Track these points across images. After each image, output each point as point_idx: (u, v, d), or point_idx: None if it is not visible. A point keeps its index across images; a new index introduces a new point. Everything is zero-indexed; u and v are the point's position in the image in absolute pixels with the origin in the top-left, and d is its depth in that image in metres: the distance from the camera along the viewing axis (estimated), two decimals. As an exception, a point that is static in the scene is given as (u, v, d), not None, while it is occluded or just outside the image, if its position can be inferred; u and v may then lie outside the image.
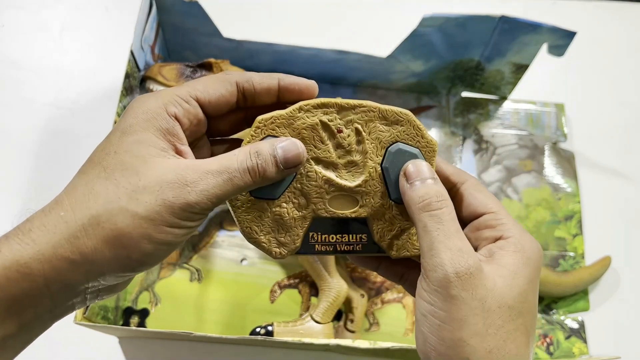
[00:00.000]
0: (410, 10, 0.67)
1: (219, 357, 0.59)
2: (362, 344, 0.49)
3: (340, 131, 0.35)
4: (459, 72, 0.69)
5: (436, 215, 0.29)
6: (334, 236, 0.35)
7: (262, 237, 0.35)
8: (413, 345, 0.50)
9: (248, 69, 0.70)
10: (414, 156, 0.34)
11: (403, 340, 0.60)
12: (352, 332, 0.58)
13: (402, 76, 0.69)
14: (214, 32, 0.64)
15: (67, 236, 0.27)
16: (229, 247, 0.63)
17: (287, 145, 0.32)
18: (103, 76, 0.72)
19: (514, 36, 0.62)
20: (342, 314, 0.59)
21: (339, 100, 0.35)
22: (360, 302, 0.58)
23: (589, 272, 0.62)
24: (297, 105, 0.35)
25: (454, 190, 0.34)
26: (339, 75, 0.70)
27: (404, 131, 0.35)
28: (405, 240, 0.35)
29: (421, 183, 0.31)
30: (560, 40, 0.61)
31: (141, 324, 0.59)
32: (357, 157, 0.35)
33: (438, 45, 0.64)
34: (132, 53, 0.57)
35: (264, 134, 0.34)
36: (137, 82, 0.59)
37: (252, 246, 0.62)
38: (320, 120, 0.35)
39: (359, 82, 0.72)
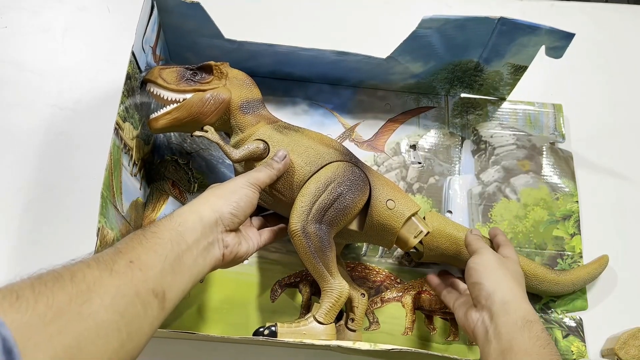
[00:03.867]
0: (409, 12, 0.68)
1: (220, 357, 0.60)
2: (363, 345, 0.49)
3: None
4: (458, 74, 0.69)
5: (481, 240, 0.58)
6: None
7: None
8: (412, 349, 0.51)
9: (249, 70, 0.71)
10: None
11: (403, 338, 0.61)
12: (354, 330, 0.57)
13: (402, 77, 0.70)
14: (215, 33, 0.64)
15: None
16: (230, 246, 0.64)
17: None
18: (104, 77, 0.72)
19: (513, 38, 0.62)
20: (343, 313, 0.59)
21: None
22: (361, 301, 0.58)
23: (587, 270, 0.62)
24: None
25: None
26: (338, 76, 0.71)
27: None
28: None
29: (476, 234, 0.59)
30: (559, 41, 0.61)
31: (143, 322, 0.59)
32: None
33: (437, 47, 0.64)
34: (133, 54, 0.57)
35: None
36: (137, 83, 0.60)
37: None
38: None
39: (358, 83, 0.72)
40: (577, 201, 0.68)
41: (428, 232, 0.56)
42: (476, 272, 0.51)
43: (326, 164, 0.55)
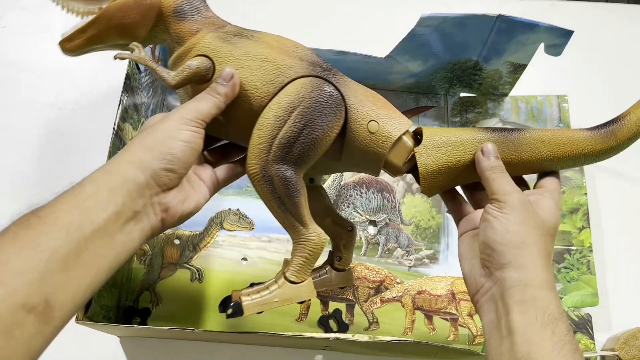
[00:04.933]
0: (408, 11, 0.68)
1: (219, 357, 0.60)
2: (362, 337, 0.50)
3: None
4: (457, 73, 0.69)
5: (504, 174, 0.43)
6: None
7: None
8: (411, 339, 0.51)
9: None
10: None
11: (402, 338, 0.60)
12: (342, 270, 0.52)
13: (401, 77, 0.70)
14: (213, 33, 0.64)
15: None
16: (230, 247, 0.64)
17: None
18: (104, 77, 0.72)
19: (512, 35, 0.62)
20: (330, 254, 0.53)
21: None
22: (347, 235, 0.51)
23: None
24: None
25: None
26: (338, 75, 0.71)
27: None
28: None
29: (494, 158, 0.43)
30: (557, 39, 0.61)
31: (142, 323, 0.59)
32: None
33: (436, 46, 0.64)
34: (132, 54, 0.57)
35: None
36: (137, 83, 0.59)
37: (252, 246, 0.62)
38: None
39: (357, 82, 0.72)
40: (586, 193, 0.67)
41: (420, 146, 0.45)
42: (491, 230, 0.40)
43: (288, 82, 0.44)
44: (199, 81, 0.44)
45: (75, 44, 0.46)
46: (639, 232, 0.67)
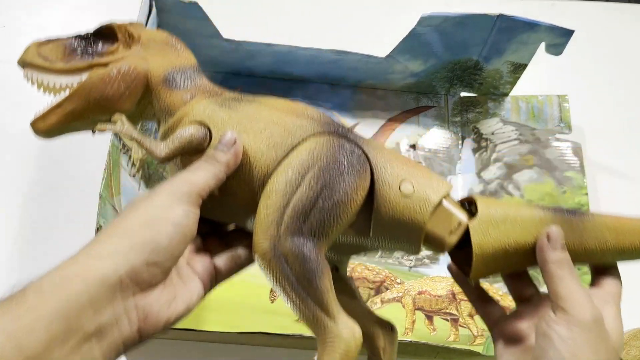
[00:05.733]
0: (408, 10, 0.68)
1: (219, 357, 0.59)
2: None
3: None
4: (458, 72, 0.69)
5: (573, 271, 0.35)
6: None
7: None
8: (412, 339, 0.50)
9: (248, 69, 0.71)
10: None
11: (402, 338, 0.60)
12: None
13: (401, 76, 0.70)
14: (213, 33, 0.64)
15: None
16: (229, 247, 0.64)
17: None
18: (103, 77, 0.72)
19: (512, 35, 0.62)
20: None
21: None
22: (388, 338, 0.41)
23: None
24: None
25: None
26: (338, 75, 0.71)
27: None
28: None
29: (561, 248, 0.35)
30: (558, 38, 0.61)
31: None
32: None
33: (436, 45, 0.64)
34: (132, 54, 0.57)
35: None
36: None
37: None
38: None
39: (358, 82, 0.72)
40: (587, 193, 0.67)
41: (476, 219, 0.37)
42: (554, 352, 0.32)
43: (299, 142, 0.36)
44: (192, 152, 0.37)
45: (50, 122, 0.39)
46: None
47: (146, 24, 0.60)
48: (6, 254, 0.61)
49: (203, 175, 0.33)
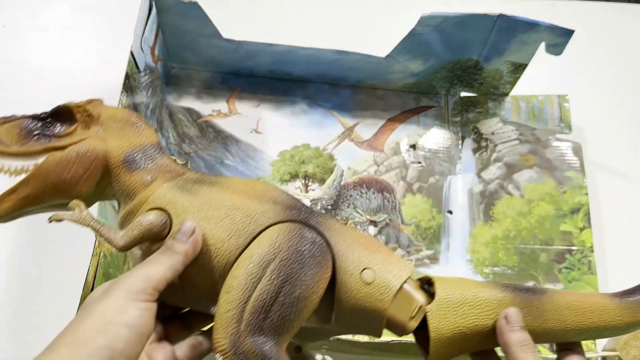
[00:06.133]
0: (408, 10, 0.68)
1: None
2: (362, 338, 0.49)
3: None
4: (458, 72, 0.69)
5: (535, 352, 0.35)
6: None
7: None
8: (412, 340, 0.50)
9: (248, 69, 0.71)
10: None
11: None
12: None
13: (401, 76, 0.70)
14: (213, 33, 0.64)
15: None
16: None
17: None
18: (103, 77, 0.72)
19: (512, 35, 0.62)
20: None
21: None
22: None
23: None
24: None
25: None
26: (338, 75, 0.71)
27: None
28: None
29: (520, 329, 0.36)
30: (558, 38, 0.61)
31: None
32: None
33: (436, 45, 0.64)
34: (132, 54, 0.57)
35: None
36: (136, 82, 0.59)
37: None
38: None
39: (358, 82, 0.72)
40: (587, 193, 0.67)
41: (433, 304, 0.37)
42: None
43: (261, 231, 0.36)
44: (153, 240, 0.36)
45: (5, 207, 0.38)
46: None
47: (146, 24, 0.60)
48: (6, 253, 0.61)
49: (159, 268, 0.33)
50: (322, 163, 0.68)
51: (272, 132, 0.69)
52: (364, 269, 0.36)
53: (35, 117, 0.40)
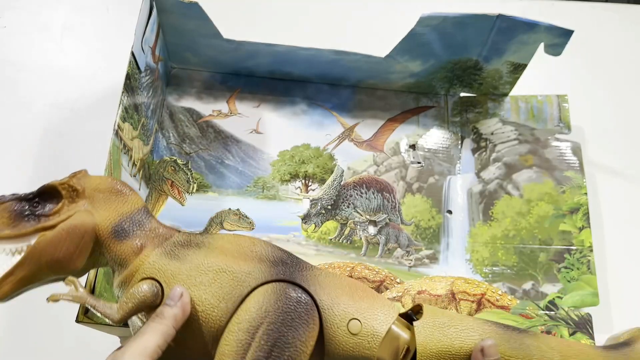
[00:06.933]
0: (408, 10, 0.68)
1: None
2: None
3: None
4: (458, 72, 0.69)
5: None
6: None
7: None
8: None
9: (248, 69, 0.71)
10: None
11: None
12: None
13: (401, 76, 0.70)
14: (214, 33, 0.64)
15: None
16: (229, 246, 0.64)
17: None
18: (104, 77, 0.72)
19: (512, 35, 0.62)
20: None
21: None
22: None
23: None
24: None
25: None
26: (337, 75, 0.71)
27: None
28: None
29: None
30: (557, 38, 0.61)
31: (142, 323, 0.59)
32: None
33: (436, 45, 0.64)
34: (132, 54, 0.57)
35: None
36: (137, 82, 0.59)
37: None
38: None
39: (357, 82, 0.72)
40: (586, 193, 0.67)
41: (420, 321, 0.40)
42: None
43: (248, 293, 0.38)
44: (148, 309, 0.38)
45: (5, 290, 0.39)
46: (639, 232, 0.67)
47: (147, 24, 0.60)
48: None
49: (151, 338, 0.35)
50: (322, 163, 0.68)
51: (272, 132, 0.70)
52: (350, 320, 0.38)
53: (23, 199, 0.41)
